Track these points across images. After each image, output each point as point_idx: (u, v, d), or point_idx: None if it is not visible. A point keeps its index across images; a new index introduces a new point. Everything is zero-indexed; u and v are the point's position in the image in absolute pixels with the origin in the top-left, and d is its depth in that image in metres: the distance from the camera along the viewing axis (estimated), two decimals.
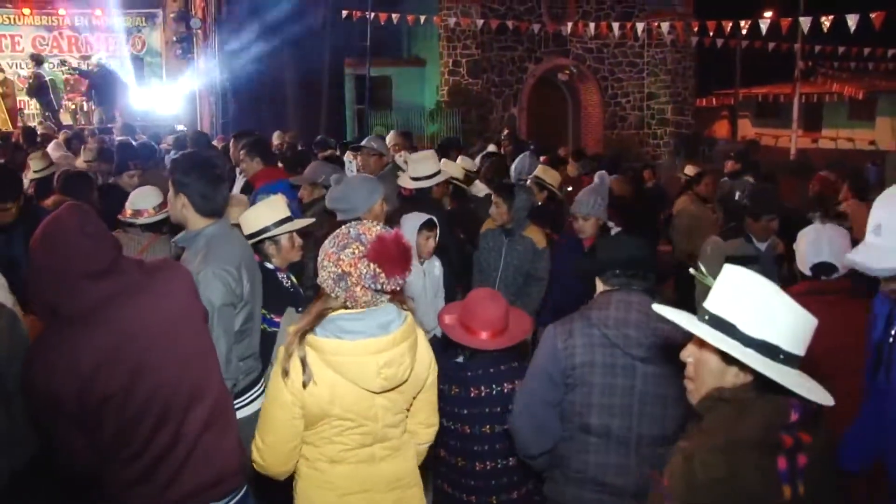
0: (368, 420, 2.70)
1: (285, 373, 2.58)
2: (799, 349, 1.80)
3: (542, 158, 9.57)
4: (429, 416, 3.02)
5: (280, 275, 4.12)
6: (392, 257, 2.51)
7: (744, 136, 31.98)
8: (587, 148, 22.09)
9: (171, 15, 17.85)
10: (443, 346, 3.88)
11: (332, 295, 2.56)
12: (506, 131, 14.06)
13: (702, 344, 1.88)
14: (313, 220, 4.50)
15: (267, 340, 3.86)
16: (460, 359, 3.73)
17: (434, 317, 4.75)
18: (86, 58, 18.04)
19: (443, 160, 7.03)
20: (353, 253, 2.49)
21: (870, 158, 22.38)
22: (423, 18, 18.57)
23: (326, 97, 16.05)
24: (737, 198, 6.45)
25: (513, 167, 7.51)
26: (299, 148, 10.42)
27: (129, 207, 5.06)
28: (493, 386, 3.56)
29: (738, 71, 30.25)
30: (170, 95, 18.05)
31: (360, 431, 2.71)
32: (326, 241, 2.60)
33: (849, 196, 7.09)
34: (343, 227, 2.62)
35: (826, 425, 1.91)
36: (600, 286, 3.12)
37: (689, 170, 9.62)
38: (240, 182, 6.95)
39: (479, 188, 7.31)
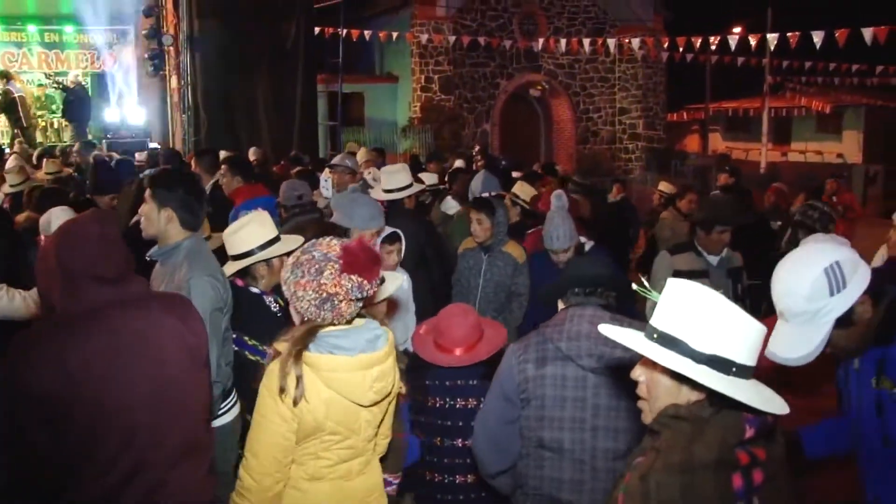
0: (353, 433, 2.73)
1: (282, 390, 2.57)
2: (751, 360, 1.78)
3: (515, 174, 9.64)
4: (388, 428, 3.05)
5: (267, 299, 3.96)
6: (365, 263, 2.56)
7: (715, 150, 32.32)
8: (559, 163, 22.29)
9: (143, 32, 17.74)
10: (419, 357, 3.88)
11: (318, 319, 2.59)
12: (477, 147, 14.12)
13: (653, 363, 1.83)
14: (302, 238, 4.49)
15: (249, 369, 3.71)
16: (435, 369, 3.73)
17: (402, 331, 4.77)
18: (59, 74, 17.90)
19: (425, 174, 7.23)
20: (332, 273, 2.52)
21: (838, 171, 22.71)
22: (395, 35, 18.66)
23: (299, 113, 16.00)
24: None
25: (471, 185, 7.48)
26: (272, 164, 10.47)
27: None
28: (447, 399, 3.60)
29: (709, 86, 30.57)
30: (141, 112, 17.95)
31: (345, 445, 2.73)
32: (288, 273, 2.61)
33: (779, 201, 7.45)
34: (299, 252, 2.65)
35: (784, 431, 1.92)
36: (560, 305, 3.14)
37: (666, 187, 9.64)
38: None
39: (450, 205, 7.35)
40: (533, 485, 3.00)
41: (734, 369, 1.75)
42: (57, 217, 4.89)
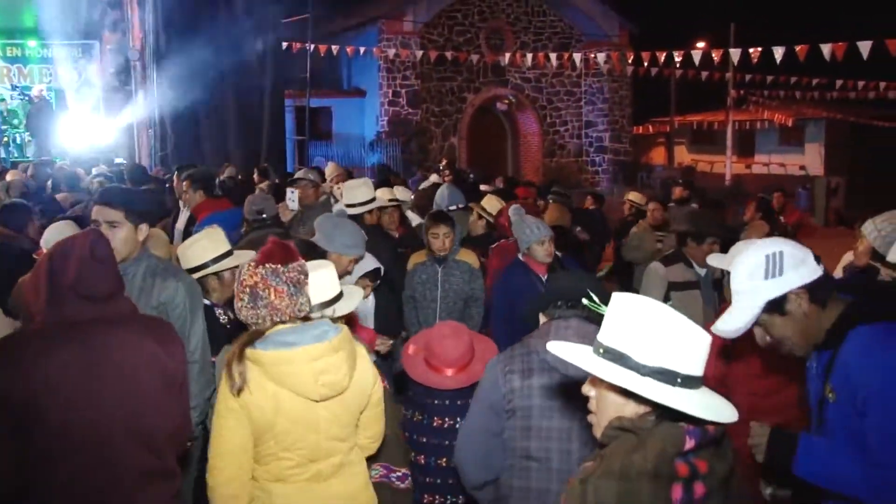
0: (311, 432, 2.72)
1: (238, 390, 2.61)
2: (697, 370, 1.78)
3: (483, 187, 9.68)
4: (376, 431, 3.05)
5: (217, 310, 4.02)
6: (280, 255, 2.69)
7: (680, 163, 32.63)
8: (526, 176, 22.41)
9: (109, 46, 17.59)
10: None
11: (260, 321, 2.65)
12: (444, 161, 14.16)
13: (599, 378, 1.83)
14: (253, 252, 4.48)
15: None
16: (424, 386, 3.71)
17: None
18: (24, 88, 17.66)
19: (396, 188, 7.21)
20: (248, 268, 2.68)
21: (801, 182, 23.07)
22: (362, 50, 18.67)
23: (267, 128, 15.96)
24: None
25: (435, 199, 7.49)
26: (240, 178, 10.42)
27: None
28: (458, 419, 3.52)
29: (673, 99, 30.91)
30: (107, 127, 17.77)
31: (304, 444, 2.72)
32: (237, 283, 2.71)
33: (755, 216, 7.56)
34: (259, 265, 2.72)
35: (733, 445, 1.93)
36: (543, 319, 3.15)
37: (636, 197, 9.69)
38: (184, 215, 6.95)
39: (411, 217, 7.38)
40: (518, 496, 2.99)
41: (679, 380, 1.76)
42: (60, 232, 4.84)
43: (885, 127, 30.91)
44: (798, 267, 2.43)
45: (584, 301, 2.14)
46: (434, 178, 10.64)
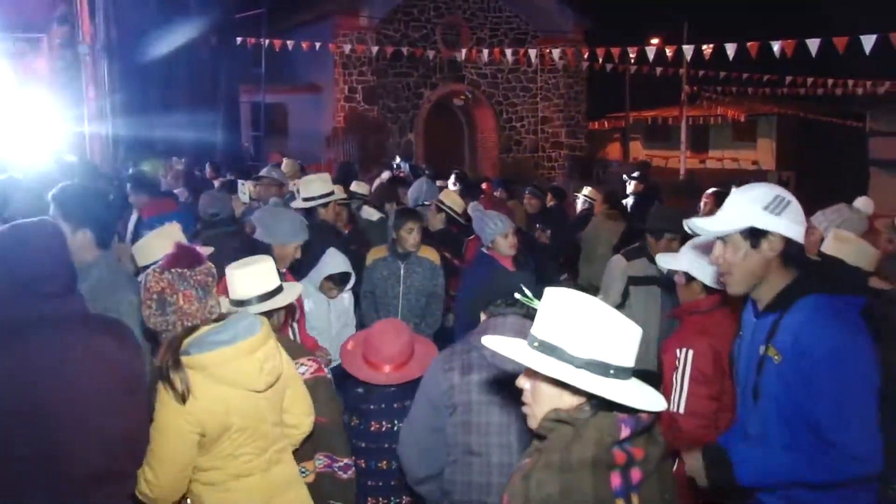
0: (260, 422, 2.77)
1: (182, 398, 2.58)
2: (628, 361, 1.83)
3: (439, 183, 9.66)
4: (304, 406, 3.09)
5: None
6: (185, 258, 2.74)
7: (635, 158, 32.96)
8: (483, 171, 22.47)
9: (57, 40, 17.19)
10: (343, 374, 3.85)
11: (171, 327, 2.68)
12: (397, 159, 14.13)
13: (535, 371, 1.87)
14: (212, 249, 4.42)
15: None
16: (361, 389, 3.70)
17: (339, 347, 4.71)
18: None
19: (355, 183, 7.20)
20: (152, 276, 2.70)
21: (753, 177, 23.41)
22: (317, 45, 18.52)
23: (221, 125, 15.80)
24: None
25: (409, 193, 7.55)
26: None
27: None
28: (395, 422, 3.55)
29: (628, 95, 31.21)
30: (56, 124, 17.39)
31: (257, 436, 2.76)
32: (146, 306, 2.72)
33: (713, 210, 7.63)
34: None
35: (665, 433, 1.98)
36: (483, 317, 3.19)
37: (590, 192, 9.73)
38: (135, 216, 6.93)
39: (369, 212, 7.37)
40: (461, 490, 3.03)
41: (612, 371, 1.80)
42: None
43: (832, 123, 31.59)
44: (793, 221, 2.53)
45: (518, 296, 2.17)
46: (387, 174, 10.60)
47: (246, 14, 17.37)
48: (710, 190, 9.35)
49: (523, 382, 1.96)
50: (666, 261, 3.80)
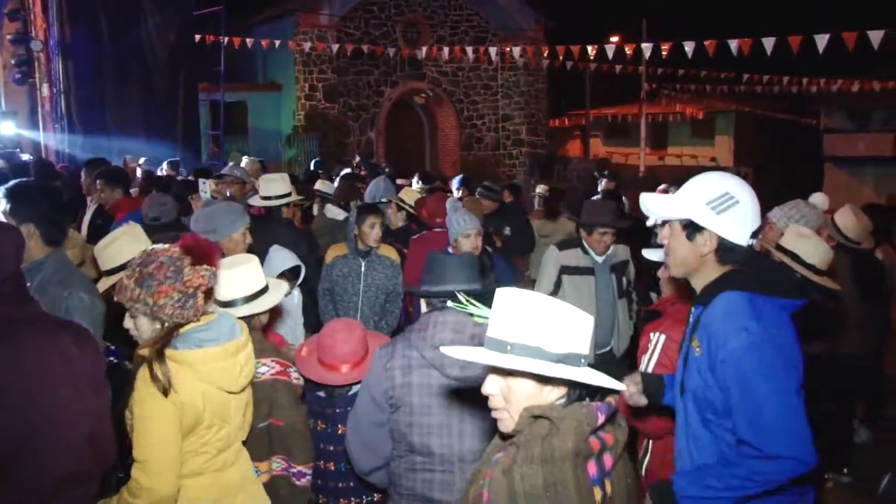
0: (226, 422, 2.80)
1: (164, 391, 2.59)
2: (589, 349, 1.91)
3: (399, 181, 9.65)
4: (251, 414, 3.09)
5: None
6: (206, 251, 2.72)
7: (596, 155, 33.24)
8: (444, 169, 22.48)
9: (8, 36, 16.83)
10: (306, 378, 3.83)
11: (181, 319, 2.65)
12: (357, 158, 14.08)
13: (508, 373, 1.91)
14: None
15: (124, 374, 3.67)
16: (322, 393, 3.68)
17: (293, 341, 4.70)
18: None
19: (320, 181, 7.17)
20: (190, 269, 2.64)
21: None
22: (277, 43, 18.41)
23: (180, 122, 15.61)
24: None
25: (367, 191, 7.54)
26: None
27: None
28: None
29: (588, 93, 31.43)
30: (9, 122, 17.07)
31: (220, 436, 2.79)
32: (138, 289, 2.63)
33: None
34: (137, 268, 2.66)
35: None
36: (424, 307, 3.17)
37: (544, 189, 9.77)
38: (90, 211, 6.86)
39: (335, 212, 7.35)
40: (406, 485, 3.05)
41: (583, 361, 1.88)
42: None
43: (788, 120, 32.11)
44: (734, 222, 2.54)
45: (450, 304, 2.18)
46: (345, 171, 10.56)
47: (205, 11, 17.18)
48: (662, 186, 9.52)
49: (491, 389, 1.96)
50: (652, 254, 3.84)
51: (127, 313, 2.74)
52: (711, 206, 2.54)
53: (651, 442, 3.50)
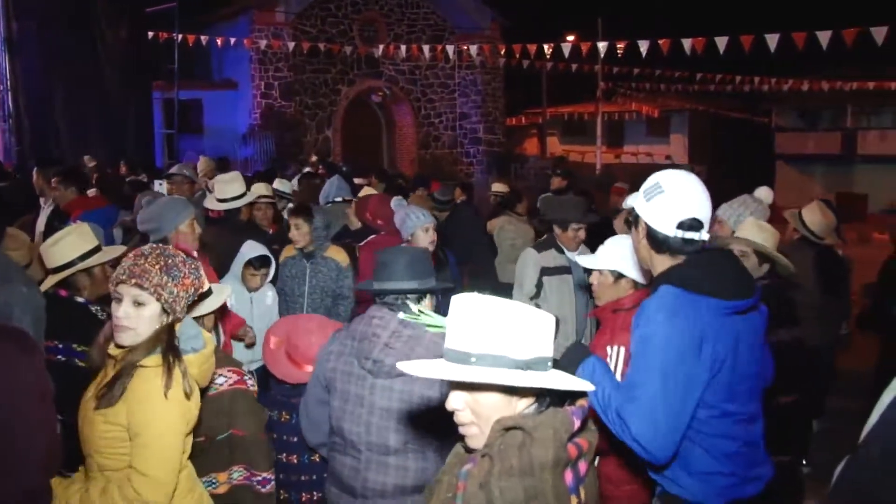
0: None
1: (187, 395, 2.58)
2: (552, 350, 1.84)
3: (357, 181, 9.62)
4: None
5: (93, 308, 3.82)
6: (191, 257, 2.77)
7: (552, 153, 33.40)
8: (402, 167, 22.46)
9: None
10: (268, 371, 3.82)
11: (181, 317, 2.66)
12: (314, 157, 13.99)
13: (470, 386, 1.80)
14: (125, 248, 4.30)
15: (79, 376, 3.58)
16: (288, 384, 3.68)
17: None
18: None
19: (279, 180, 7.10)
20: (202, 271, 2.72)
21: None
22: (233, 41, 18.22)
23: (133, 121, 15.36)
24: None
25: (322, 190, 7.49)
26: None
27: None
28: None
29: (545, 91, 31.58)
30: None
31: (190, 440, 2.78)
32: (163, 276, 2.56)
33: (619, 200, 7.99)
34: (165, 252, 2.64)
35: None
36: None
37: (499, 187, 9.78)
38: (45, 212, 6.73)
39: None
40: (331, 465, 3.19)
41: (549, 364, 1.80)
42: None
43: (741, 118, 32.62)
44: (657, 211, 2.66)
45: (402, 315, 2.15)
46: (305, 170, 10.52)
47: (158, 8, 16.93)
48: (618, 184, 9.65)
49: (456, 404, 1.86)
50: (589, 261, 3.86)
51: (123, 301, 2.58)
52: (644, 194, 2.69)
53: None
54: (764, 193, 4.70)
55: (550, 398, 1.83)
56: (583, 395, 1.88)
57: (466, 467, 1.87)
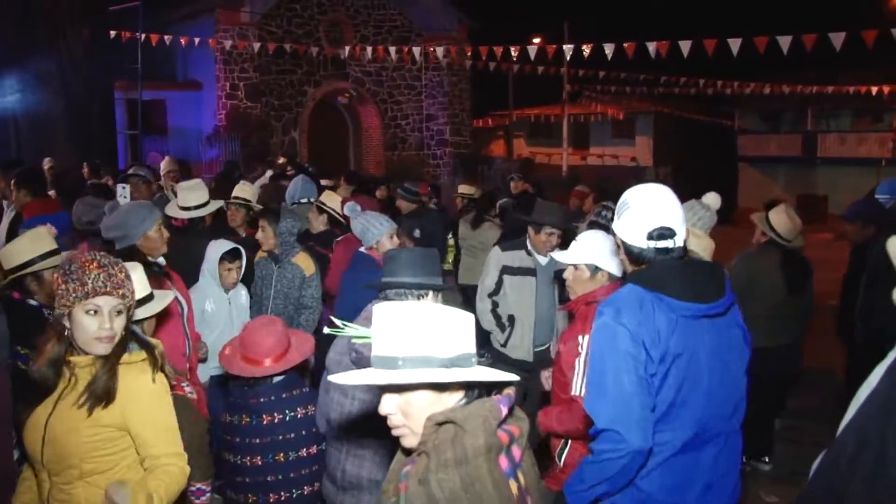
0: None
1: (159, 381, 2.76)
2: (475, 346, 1.90)
3: (324, 182, 9.56)
4: None
5: (46, 312, 3.77)
6: None
7: (519, 155, 33.61)
8: (368, 169, 22.41)
9: None
10: (225, 377, 3.81)
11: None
12: (282, 159, 13.86)
13: (403, 388, 1.88)
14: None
15: (25, 379, 3.53)
16: (246, 386, 3.67)
17: None
18: None
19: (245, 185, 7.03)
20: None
21: (632, 173, 24.19)
22: (197, 41, 18.05)
23: (96, 122, 15.14)
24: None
25: (288, 191, 7.42)
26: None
27: None
28: (286, 412, 3.56)
29: (511, 93, 31.71)
30: None
31: None
32: (129, 281, 2.74)
33: (592, 207, 8.03)
34: (116, 262, 2.70)
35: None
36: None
37: (466, 189, 9.73)
38: (8, 215, 6.65)
39: None
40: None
41: (473, 360, 1.87)
42: None
43: (705, 121, 33.01)
44: (627, 226, 2.82)
45: (326, 329, 2.22)
46: (269, 174, 10.41)
47: (121, 6, 16.72)
48: (578, 187, 9.72)
49: (388, 408, 1.92)
50: (565, 256, 3.91)
51: (103, 312, 2.64)
52: (617, 212, 2.86)
53: (570, 440, 3.58)
54: (711, 199, 4.74)
55: (479, 392, 1.90)
56: (508, 385, 1.94)
57: (406, 468, 1.94)
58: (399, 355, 1.83)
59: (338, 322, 2.12)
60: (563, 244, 5.78)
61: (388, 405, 1.92)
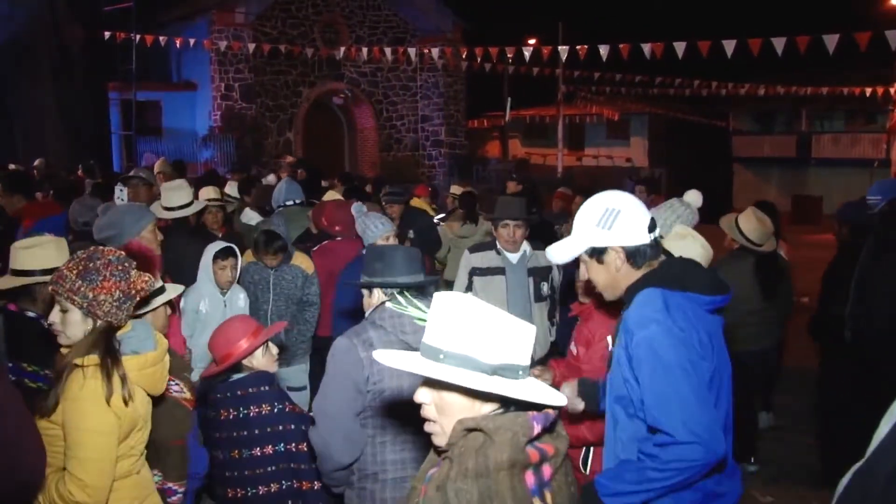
0: (147, 424, 2.86)
1: (110, 396, 2.55)
2: (528, 360, 1.83)
3: (324, 183, 9.56)
4: None
5: (45, 322, 3.74)
6: (149, 260, 2.87)
7: (514, 156, 33.58)
8: (363, 170, 22.40)
9: None
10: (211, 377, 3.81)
11: (115, 321, 2.64)
12: (289, 158, 13.81)
13: (439, 383, 1.80)
14: None
15: (30, 397, 3.48)
16: (220, 381, 3.67)
17: None
18: None
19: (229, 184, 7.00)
20: (136, 272, 2.68)
21: (627, 174, 24.22)
22: (192, 41, 18.04)
23: (90, 122, 15.16)
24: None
25: (274, 193, 7.36)
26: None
27: None
28: (241, 409, 3.56)
29: (506, 94, 31.71)
30: None
31: (143, 437, 2.83)
32: (79, 281, 2.58)
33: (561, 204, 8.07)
34: (82, 261, 2.62)
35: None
36: (376, 298, 3.25)
37: (458, 189, 9.71)
38: None
39: (250, 216, 7.24)
40: (390, 468, 3.12)
41: (520, 373, 1.80)
42: None
43: (699, 122, 33.11)
44: (627, 228, 2.64)
45: (390, 304, 2.15)
46: (272, 178, 10.38)
47: (115, 7, 16.71)
48: (560, 189, 9.70)
49: (423, 397, 1.88)
50: (558, 252, 3.83)
51: (56, 307, 2.66)
52: (601, 226, 2.65)
53: (592, 448, 3.55)
54: (693, 197, 4.66)
55: (516, 406, 1.81)
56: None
57: (432, 471, 1.89)
58: (443, 348, 1.78)
59: (402, 299, 2.09)
60: (546, 245, 5.78)
61: (423, 395, 1.88)
